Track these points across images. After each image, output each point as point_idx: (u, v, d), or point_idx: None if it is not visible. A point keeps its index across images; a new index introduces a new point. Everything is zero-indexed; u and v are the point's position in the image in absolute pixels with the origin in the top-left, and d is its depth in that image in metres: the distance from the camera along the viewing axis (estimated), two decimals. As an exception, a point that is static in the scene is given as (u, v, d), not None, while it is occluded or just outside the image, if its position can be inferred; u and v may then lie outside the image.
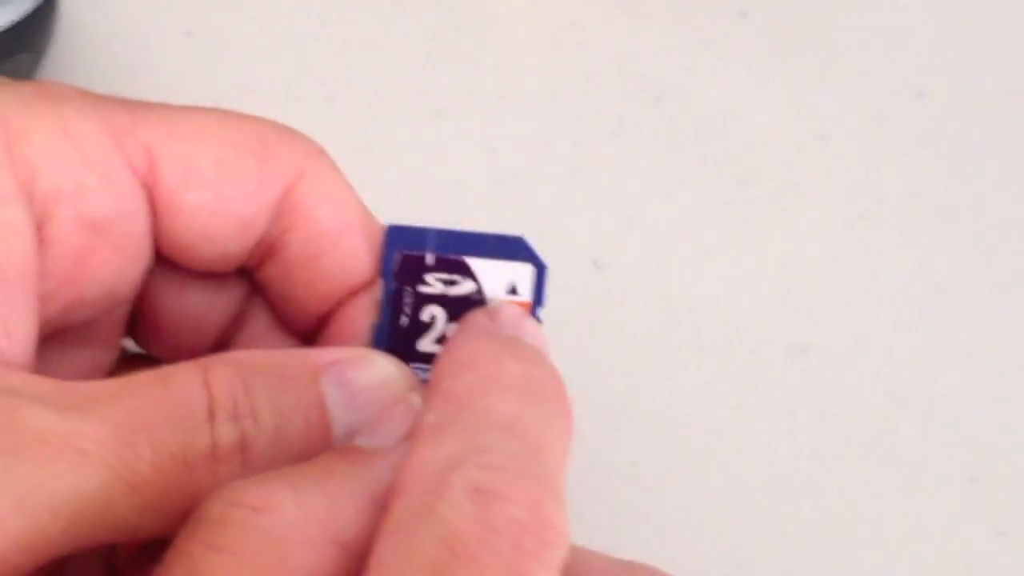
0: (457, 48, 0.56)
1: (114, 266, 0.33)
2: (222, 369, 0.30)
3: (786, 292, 0.53)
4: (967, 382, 0.52)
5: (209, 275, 0.35)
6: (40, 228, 0.32)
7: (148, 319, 0.36)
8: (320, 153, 0.34)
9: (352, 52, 0.56)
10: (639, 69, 0.56)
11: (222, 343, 0.36)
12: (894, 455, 0.51)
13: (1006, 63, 0.57)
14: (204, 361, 0.30)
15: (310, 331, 0.35)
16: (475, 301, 0.33)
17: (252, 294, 0.36)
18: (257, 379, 0.30)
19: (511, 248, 0.34)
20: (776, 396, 0.51)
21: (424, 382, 0.33)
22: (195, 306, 0.36)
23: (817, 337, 0.52)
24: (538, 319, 0.34)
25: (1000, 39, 0.57)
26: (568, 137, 0.55)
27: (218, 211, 0.33)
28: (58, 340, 0.34)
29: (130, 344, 0.37)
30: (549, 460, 0.28)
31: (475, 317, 0.32)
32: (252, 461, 0.29)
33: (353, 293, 0.34)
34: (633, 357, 0.52)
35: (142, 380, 0.30)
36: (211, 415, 0.29)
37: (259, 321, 0.36)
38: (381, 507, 0.28)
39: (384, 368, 0.32)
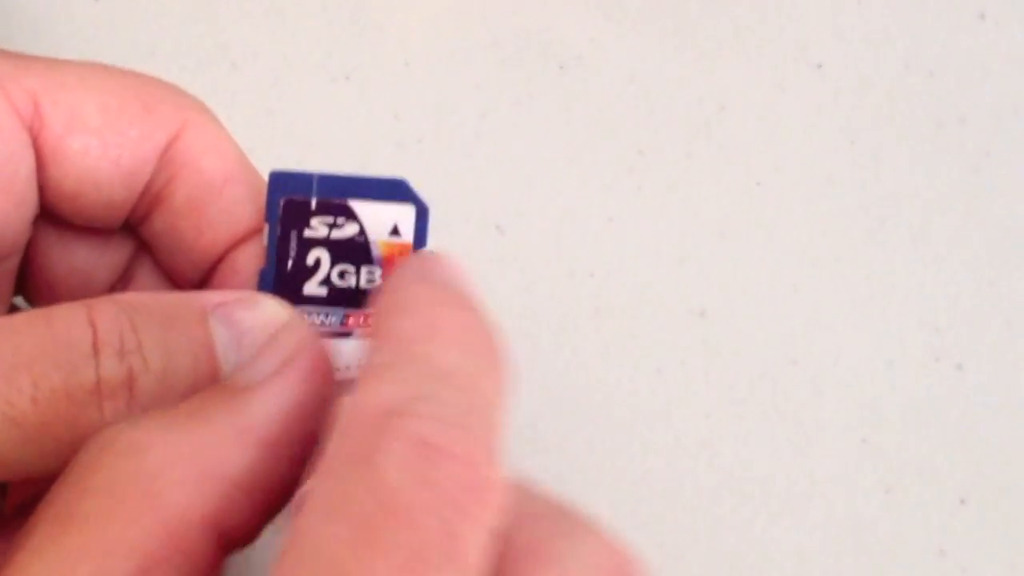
0: (363, 14, 0.55)
1: (2, 211, 0.32)
2: (107, 307, 0.30)
3: (684, 257, 0.52)
4: (859, 346, 0.52)
5: (96, 231, 0.35)
6: None
7: (36, 276, 0.35)
8: (202, 106, 0.34)
9: (257, 18, 0.55)
10: (543, 38, 0.55)
11: None
12: (788, 416, 0.51)
13: (902, 36, 0.57)
14: (89, 301, 0.30)
15: (198, 285, 0.35)
16: (358, 243, 0.33)
17: (139, 252, 0.36)
18: (144, 317, 0.30)
19: (393, 190, 0.33)
20: (674, 359, 0.51)
21: (312, 324, 0.32)
22: (82, 262, 0.35)
23: (715, 301, 0.52)
24: None
25: (896, 12, 0.57)
26: (472, 104, 0.54)
27: (103, 157, 0.33)
28: None
29: (22, 304, 0.37)
30: (490, 414, 0.28)
31: (415, 260, 0.31)
32: (139, 397, 0.29)
33: (238, 242, 0.34)
34: (534, 320, 0.51)
35: (24, 318, 0.29)
36: (96, 350, 0.29)
37: (146, 279, 0.36)
38: (261, 442, 0.28)
39: (272, 308, 0.31)
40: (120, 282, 0.36)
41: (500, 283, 0.52)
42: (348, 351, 0.33)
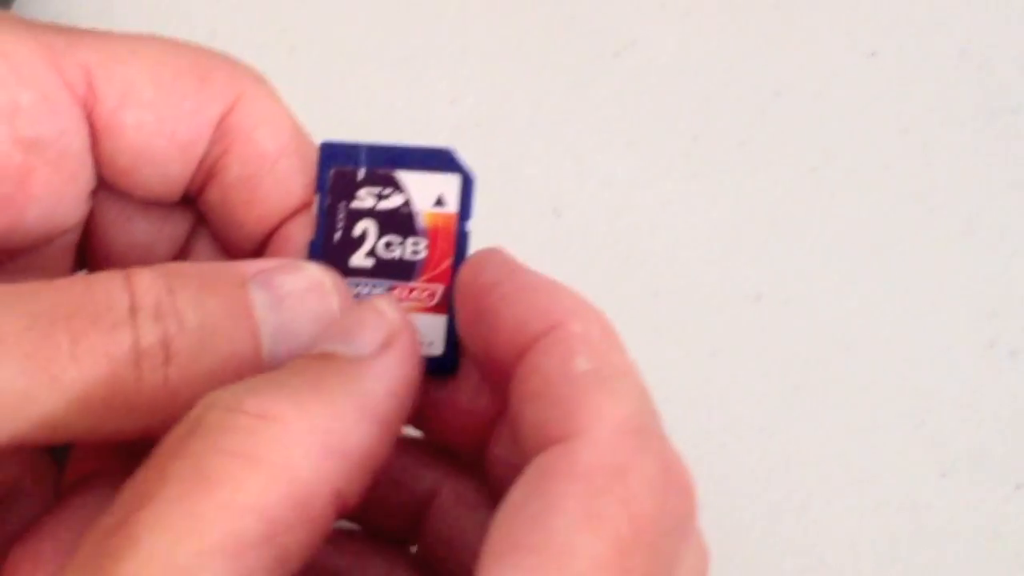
0: None
1: (54, 187, 0.32)
2: (145, 273, 0.29)
3: (740, 242, 0.51)
4: (914, 331, 0.51)
5: (155, 205, 0.34)
6: None
7: (98, 251, 0.34)
8: (258, 77, 0.33)
9: (317, 1, 0.54)
10: (598, 24, 0.54)
11: None
12: (843, 401, 0.50)
13: (956, 24, 0.55)
14: (128, 268, 0.29)
15: (252, 257, 0.34)
16: (404, 214, 0.32)
17: (197, 226, 0.35)
18: (181, 282, 0.29)
19: (439, 160, 0.32)
20: (729, 343, 0.50)
21: (357, 296, 0.31)
22: (143, 236, 0.34)
23: (770, 286, 0.51)
24: (466, 232, 0.32)
25: (950, 1, 0.56)
26: (528, 89, 0.53)
27: (158, 131, 0.32)
28: (7, 268, 0.33)
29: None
30: None
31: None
32: (175, 359, 0.28)
33: (290, 215, 0.33)
34: (590, 304, 0.50)
35: (64, 280, 0.29)
36: (132, 312, 0.28)
37: (204, 253, 0.35)
38: (377, 419, 0.28)
39: (312, 273, 0.31)
40: (180, 256, 0.35)
41: (556, 267, 0.50)
42: None
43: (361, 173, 0.32)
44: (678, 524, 0.26)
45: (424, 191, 0.32)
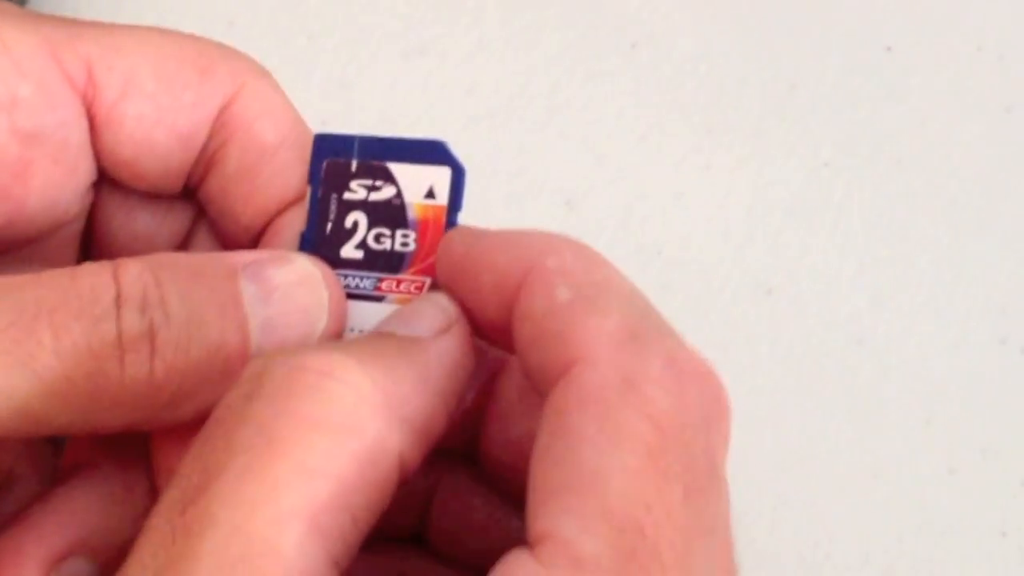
0: (437, -10, 0.54)
1: (54, 178, 0.31)
2: (132, 264, 0.28)
3: (752, 235, 0.50)
4: (923, 327, 0.50)
5: (156, 198, 0.34)
6: None
7: (100, 242, 0.34)
8: (259, 69, 0.33)
9: (333, -9, 0.53)
10: (616, 16, 0.53)
11: None
12: (853, 396, 0.49)
13: (972, 20, 0.54)
14: (116, 259, 0.29)
15: (251, 248, 0.33)
16: (395, 206, 0.31)
17: (199, 218, 0.34)
18: (169, 273, 0.28)
19: (431, 152, 0.32)
20: (740, 336, 0.50)
21: (346, 287, 0.31)
22: (144, 228, 0.34)
23: (781, 279, 0.50)
24: (455, 223, 0.31)
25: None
26: (544, 80, 0.52)
27: (159, 123, 0.31)
28: (8, 259, 0.32)
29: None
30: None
31: None
32: (160, 350, 0.28)
33: (287, 206, 0.32)
34: (602, 295, 0.50)
35: (51, 273, 0.28)
36: (118, 305, 0.28)
37: (205, 245, 0.34)
38: (436, 391, 0.27)
39: (302, 265, 0.30)
40: (181, 248, 0.34)
41: (568, 258, 0.50)
42: (380, 316, 0.31)
43: (354, 165, 0.32)
44: (703, 412, 0.26)
45: (415, 183, 0.31)
